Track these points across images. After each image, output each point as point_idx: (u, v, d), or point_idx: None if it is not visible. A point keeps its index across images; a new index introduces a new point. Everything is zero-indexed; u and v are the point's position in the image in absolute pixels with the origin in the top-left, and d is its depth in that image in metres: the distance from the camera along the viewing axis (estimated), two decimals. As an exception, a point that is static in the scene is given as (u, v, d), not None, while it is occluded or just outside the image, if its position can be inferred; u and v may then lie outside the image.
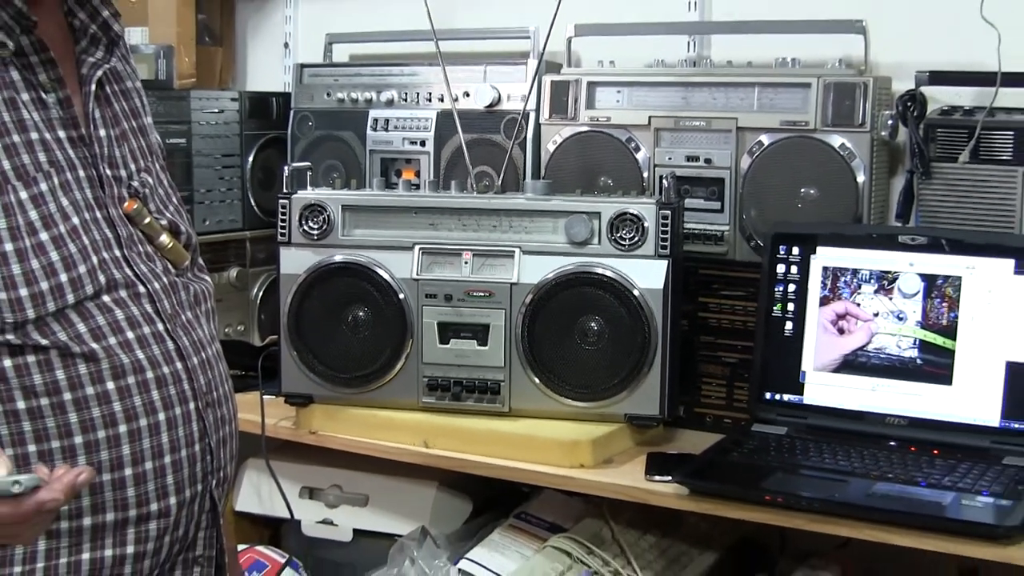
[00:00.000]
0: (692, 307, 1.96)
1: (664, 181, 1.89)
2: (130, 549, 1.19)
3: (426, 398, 1.92)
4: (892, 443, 1.74)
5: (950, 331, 1.74)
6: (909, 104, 1.89)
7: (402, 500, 2.03)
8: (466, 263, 1.90)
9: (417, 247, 1.91)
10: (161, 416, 1.20)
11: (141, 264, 1.23)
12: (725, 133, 2.00)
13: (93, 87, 1.22)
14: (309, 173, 2.00)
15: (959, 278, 1.75)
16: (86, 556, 1.16)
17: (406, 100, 2.26)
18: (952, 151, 1.85)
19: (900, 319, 1.77)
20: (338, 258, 1.92)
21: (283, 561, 2.03)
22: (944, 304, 1.75)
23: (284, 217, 1.94)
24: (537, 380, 1.88)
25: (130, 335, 1.18)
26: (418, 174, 2.22)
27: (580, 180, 2.08)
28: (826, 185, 1.93)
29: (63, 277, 1.14)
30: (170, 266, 1.27)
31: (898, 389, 1.77)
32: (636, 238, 1.83)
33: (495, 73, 2.19)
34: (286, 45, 2.63)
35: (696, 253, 2.00)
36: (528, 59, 2.17)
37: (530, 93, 2.11)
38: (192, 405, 1.23)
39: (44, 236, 1.13)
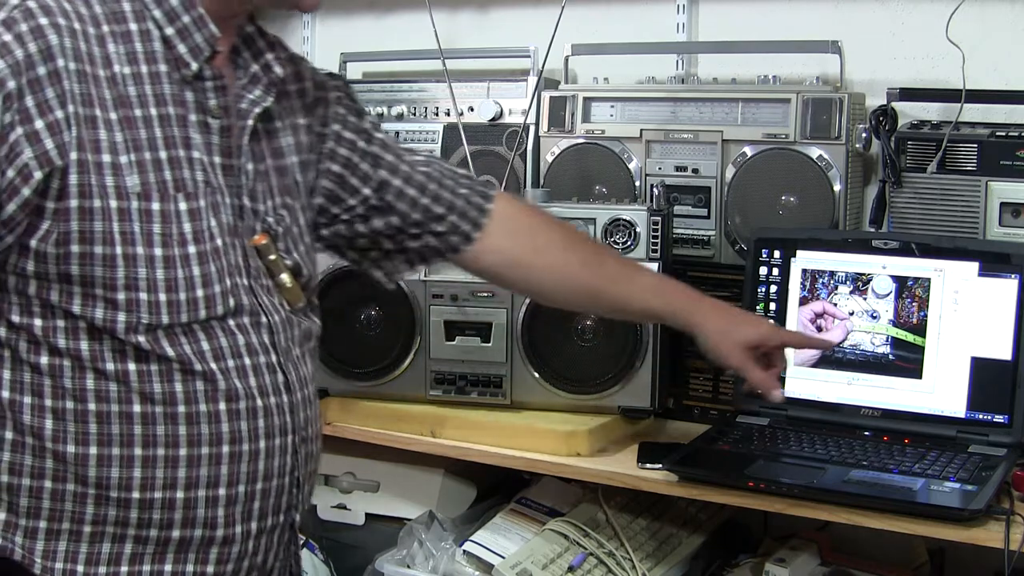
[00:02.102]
0: (680, 307, 1.97)
1: (654, 189, 1.90)
2: (210, 568, 1.16)
3: (433, 391, 1.92)
4: (866, 433, 1.74)
5: (920, 329, 1.75)
6: (881, 118, 1.89)
7: (411, 486, 2.03)
8: (470, 266, 1.90)
9: (425, 251, 1.92)
10: (262, 444, 1.17)
11: (263, 296, 1.20)
12: (711, 145, 2.00)
13: (251, 122, 1.20)
14: (325, 182, 2.00)
15: (928, 280, 1.76)
16: (168, 568, 1.14)
17: (415, 114, 2.27)
18: (921, 162, 1.85)
19: (874, 318, 1.78)
20: (352, 261, 1.93)
21: (300, 543, 2.03)
22: (914, 304, 1.76)
23: (302, 223, 1.95)
24: (537, 374, 1.88)
25: (247, 361, 1.16)
26: (426, 183, 2.23)
27: (576, 188, 2.08)
28: (805, 193, 1.93)
29: (199, 292, 1.12)
30: (283, 304, 1.23)
31: (872, 383, 1.77)
32: (629, 242, 1.84)
33: (497, 89, 2.19)
34: (303, 63, 2.63)
35: (684, 256, 2.00)
36: (528, 76, 2.18)
37: (530, 107, 2.12)
38: (289, 439, 1.20)
39: (192, 250, 1.11)
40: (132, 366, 1.10)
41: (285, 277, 1.23)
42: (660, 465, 1.69)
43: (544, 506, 1.89)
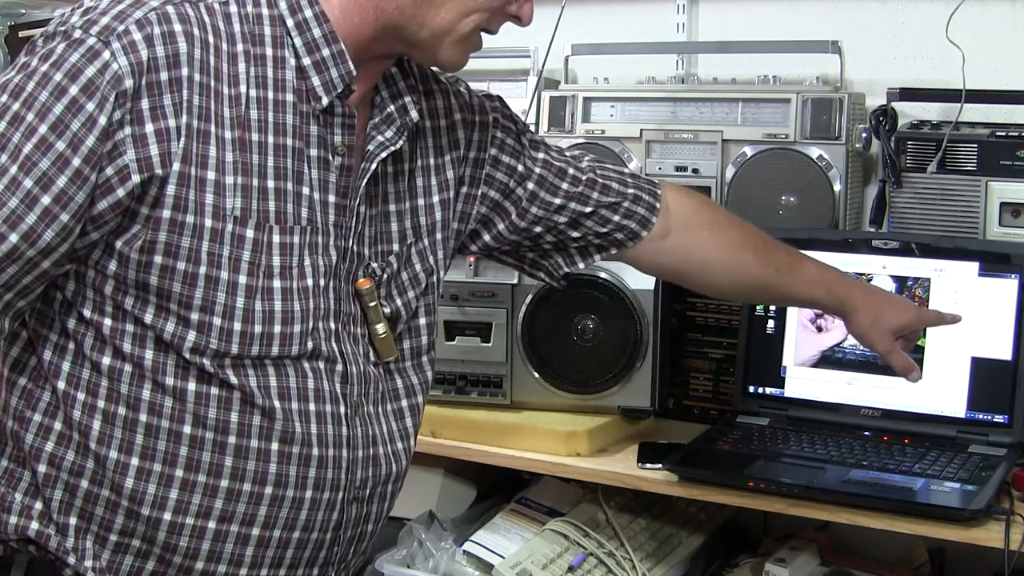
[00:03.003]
0: (681, 306, 1.97)
1: (655, 190, 1.89)
2: None
3: (433, 391, 1.90)
4: (867, 433, 1.74)
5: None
6: (881, 118, 1.89)
7: (411, 486, 2.00)
8: (470, 265, 1.90)
9: (425, 251, 1.92)
10: (308, 494, 1.14)
11: (348, 344, 1.17)
12: (711, 145, 2.00)
13: (374, 166, 1.17)
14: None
15: (928, 280, 1.76)
16: None
17: (415, 114, 2.26)
18: (921, 162, 1.85)
19: (873, 318, 1.78)
20: (352, 261, 1.93)
21: None
22: (915, 303, 1.76)
23: (302, 223, 1.95)
24: (537, 375, 1.88)
25: (312, 407, 1.13)
26: (426, 183, 2.23)
27: (576, 189, 2.08)
28: (805, 193, 1.93)
29: (277, 329, 1.09)
30: (372, 354, 1.20)
31: (872, 383, 1.77)
32: (629, 243, 1.84)
33: (497, 89, 2.15)
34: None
35: (684, 256, 2.00)
36: (528, 76, 2.18)
37: (530, 107, 2.12)
38: (340, 495, 1.17)
39: (277, 284, 1.09)
40: (192, 386, 1.08)
41: (380, 328, 1.20)
42: (660, 465, 1.69)
43: (544, 506, 1.89)
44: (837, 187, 1.91)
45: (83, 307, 1.08)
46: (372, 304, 1.19)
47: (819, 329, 1.82)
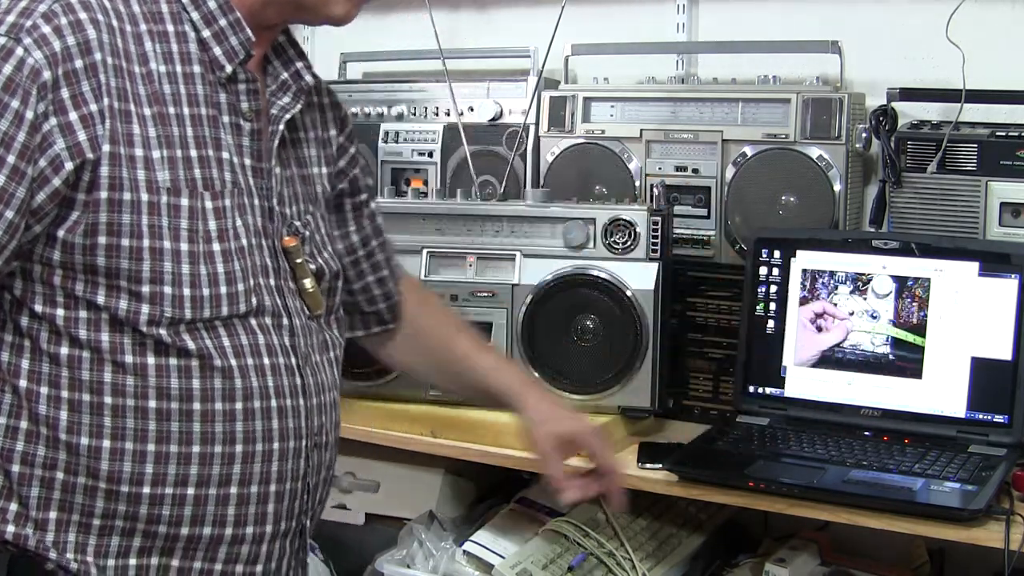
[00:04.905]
0: (681, 307, 1.97)
1: (654, 189, 1.90)
2: (218, 566, 1.17)
3: (433, 391, 1.92)
4: (867, 433, 1.74)
5: (920, 329, 1.75)
6: (881, 118, 1.89)
7: (411, 486, 2.03)
8: (470, 265, 1.91)
9: (425, 251, 1.92)
10: (275, 445, 1.18)
11: (288, 298, 1.21)
12: (711, 145, 2.00)
13: (281, 127, 1.22)
14: (325, 182, 2.00)
15: (928, 279, 1.76)
16: (175, 563, 1.15)
17: (415, 114, 2.27)
18: (921, 162, 1.85)
19: (874, 318, 1.78)
20: (352, 261, 1.93)
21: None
22: (914, 304, 1.76)
23: (302, 223, 1.95)
24: (537, 375, 1.88)
25: (266, 361, 1.17)
26: (426, 183, 2.23)
27: (576, 188, 2.08)
28: (805, 193, 1.94)
29: (223, 289, 1.13)
30: (306, 308, 1.25)
31: (872, 383, 1.77)
32: (629, 242, 1.84)
33: (497, 89, 2.19)
34: (303, 63, 2.63)
35: (684, 256, 2.00)
36: (528, 76, 2.18)
37: (530, 108, 2.12)
38: (304, 443, 1.21)
39: (216, 247, 1.13)
40: (151, 360, 1.11)
41: (308, 282, 1.24)
42: (660, 465, 1.69)
43: (544, 506, 1.89)
44: (837, 187, 1.91)
45: (33, 303, 1.10)
46: (299, 261, 1.23)
47: (819, 329, 1.82)
